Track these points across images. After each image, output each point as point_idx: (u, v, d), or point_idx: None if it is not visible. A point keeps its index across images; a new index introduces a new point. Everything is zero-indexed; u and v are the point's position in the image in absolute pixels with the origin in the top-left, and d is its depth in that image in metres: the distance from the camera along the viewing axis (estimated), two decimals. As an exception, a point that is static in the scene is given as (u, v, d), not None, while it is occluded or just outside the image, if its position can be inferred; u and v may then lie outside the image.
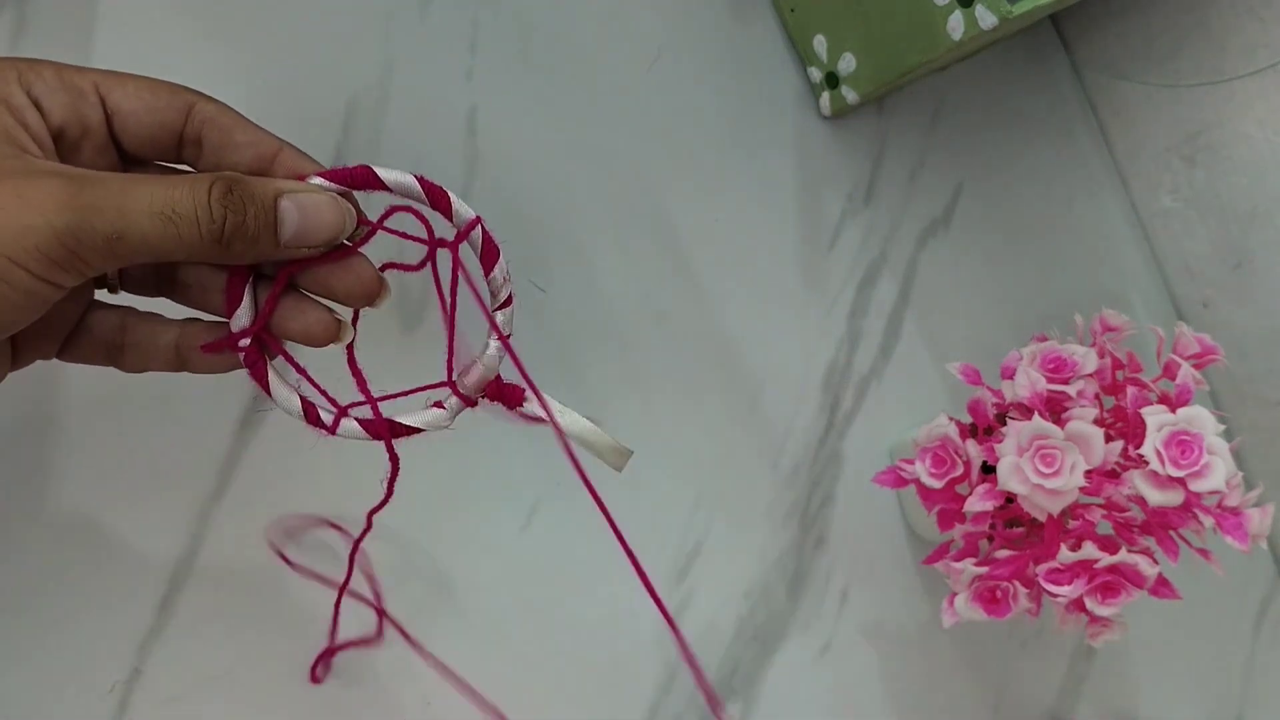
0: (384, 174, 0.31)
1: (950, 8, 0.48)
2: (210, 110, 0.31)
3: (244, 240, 0.29)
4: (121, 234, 0.27)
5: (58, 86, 0.29)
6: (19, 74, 0.29)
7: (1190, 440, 0.43)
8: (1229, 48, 0.59)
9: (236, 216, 0.28)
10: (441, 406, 0.33)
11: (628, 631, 0.51)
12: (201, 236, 0.28)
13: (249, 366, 0.32)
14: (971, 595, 0.46)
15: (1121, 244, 0.67)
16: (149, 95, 0.30)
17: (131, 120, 0.30)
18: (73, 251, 0.27)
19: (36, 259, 0.26)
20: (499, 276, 0.33)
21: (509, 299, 0.33)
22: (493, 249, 0.32)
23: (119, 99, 0.30)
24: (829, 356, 0.57)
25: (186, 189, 0.28)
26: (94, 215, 0.27)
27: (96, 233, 0.27)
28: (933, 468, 0.47)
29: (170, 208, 0.27)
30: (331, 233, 0.30)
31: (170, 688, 0.42)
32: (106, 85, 0.30)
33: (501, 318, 0.33)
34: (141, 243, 0.27)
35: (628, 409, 0.52)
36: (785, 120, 0.58)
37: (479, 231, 0.32)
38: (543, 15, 0.52)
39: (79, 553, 0.42)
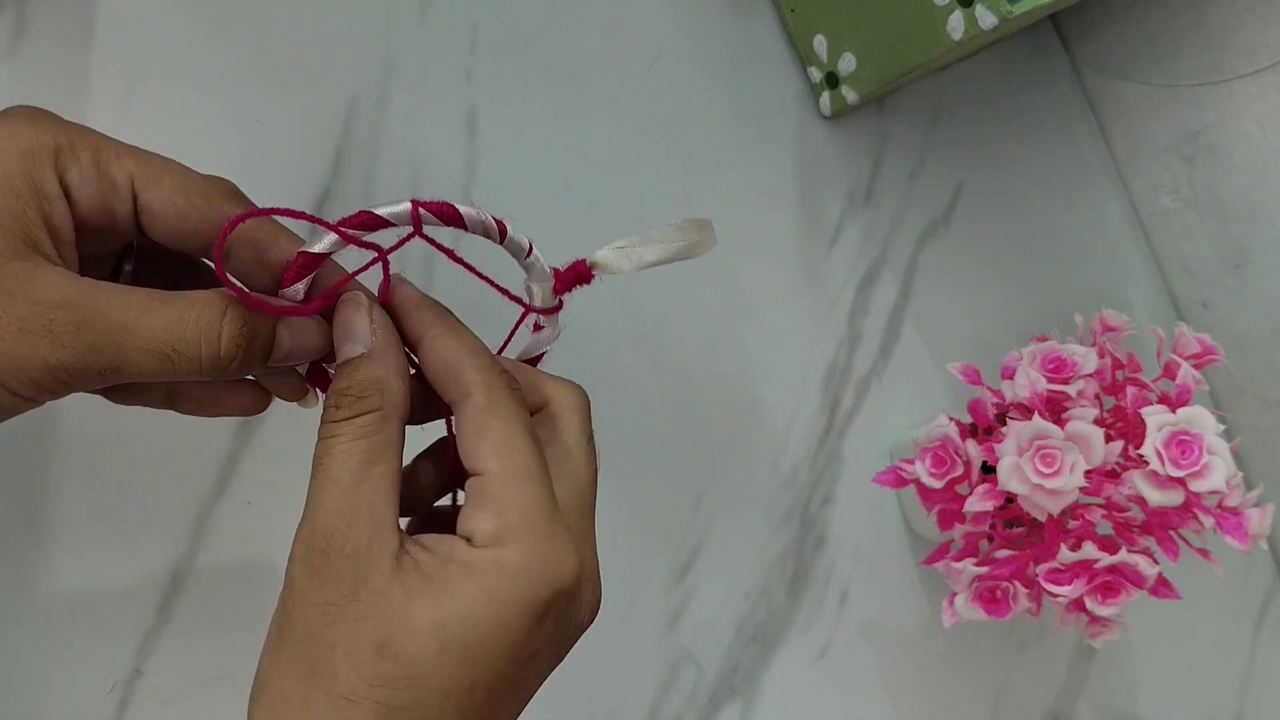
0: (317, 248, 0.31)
1: (950, 8, 0.48)
2: (247, 230, 0.31)
3: (239, 367, 0.29)
4: (118, 368, 0.27)
5: (93, 176, 0.29)
6: (56, 157, 0.28)
7: (1190, 440, 0.43)
8: (1229, 48, 0.59)
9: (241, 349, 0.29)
10: (540, 328, 0.35)
11: (628, 631, 0.51)
12: (201, 364, 0.28)
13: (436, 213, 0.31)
14: (971, 595, 0.46)
15: (1121, 244, 0.67)
16: (183, 201, 0.30)
17: (160, 223, 0.30)
18: (64, 382, 0.27)
19: (27, 385, 0.26)
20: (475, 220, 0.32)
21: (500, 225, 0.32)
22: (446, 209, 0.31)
23: (151, 199, 0.30)
24: (829, 356, 0.57)
25: (193, 323, 0.28)
26: (91, 354, 0.27)
27: (91, 369, 0.27)
28: (933, 468, 0.47)
29: (171, 346, 0.28)
30: (312, 354, 0.31)
31: (170, 688, 0.42)
32: (143, 181, 0.30)
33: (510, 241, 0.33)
34: (136, 375, 0.28)
35: (628, 408, 0.52)
36: (785, 120, 0.58)
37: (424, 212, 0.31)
38: (543, 15, 0.52)
39: (79, 553, 0.42)
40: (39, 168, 0.28)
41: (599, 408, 0.52)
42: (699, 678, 0.52)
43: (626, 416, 0.52)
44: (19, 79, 0.42)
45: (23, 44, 0.42)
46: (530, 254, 0.33)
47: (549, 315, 0.34)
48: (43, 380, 0.26)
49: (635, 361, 0.53)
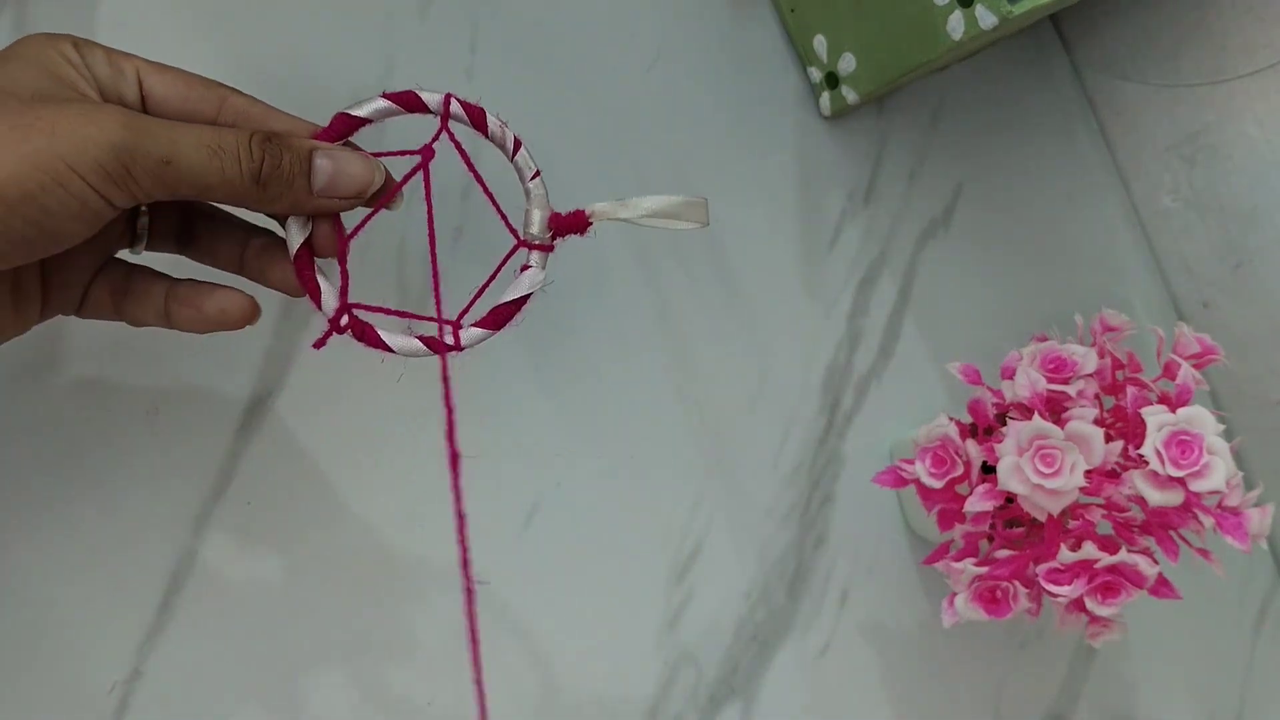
0: (359, 110, 0.34)
1: (950, 8, 0.48)
2: (242, 103, 0.34)
3: (280, 183, 0.32)
4: (172, 159, 0.29)
5: (104, 61, 0.32)
6: (74, 43, 0.32)
7: (1190, 440, 0.43)
8: (1229, 48, 0.59)
9: (274, 159, 0.32)
10: (527, 268, 0.35)
11: (628, 631, 0.51)
12: (242, 173, 0.31)
13: (359, 337, 0.34)
14: (971, 595, 0.46)
15: (1121, 244, 0.67)
16: (183, 86, 0.33)
17: (165, 106, 0.33)
18: (126, 168, 0.29)
19: (94, 170, 0.28)
20: (495, 130, 0.35)
21: (517, 141, 0.35)
22: (477, 111, 0.35)
23: (154, 84, 0.33)
24: (829, 357, 0.57)
25: (231, 132, 0.31)
26: (148, 138, 0.29)
27: (150, 155, 0.29)
28: (933, 468, 0.47)
29: (217, 143, 0.30)
30: (361, 184, 0.33)
31: (170, 688, 0.42)
32: (146, 70, 0.33)
33: (522, 159, 0.35)
34: (188, 170, 0.30)
35: (628, 408, 0.52)
36: (785, 120, 0.58)
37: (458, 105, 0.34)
38: (543, 15, 0.52)
39: (78, 552, 0.42)
40: (64, 47, 0.31)
41: (599, 408, 0.52)
42: (699, 678, 0.52)
43: (627, 416, 0.52)
44: (19, 79, 0.42)
45: (23, 44, 0.42)
46: (535, 177, 0.35)
47: (540, 252, 0.35)
48: (106, 161, 0.28)
49: (635, 361, 0.53)
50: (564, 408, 0.51)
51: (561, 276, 0.51)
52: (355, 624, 0.46)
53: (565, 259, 0.52)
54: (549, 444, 0.50)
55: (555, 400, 0.51)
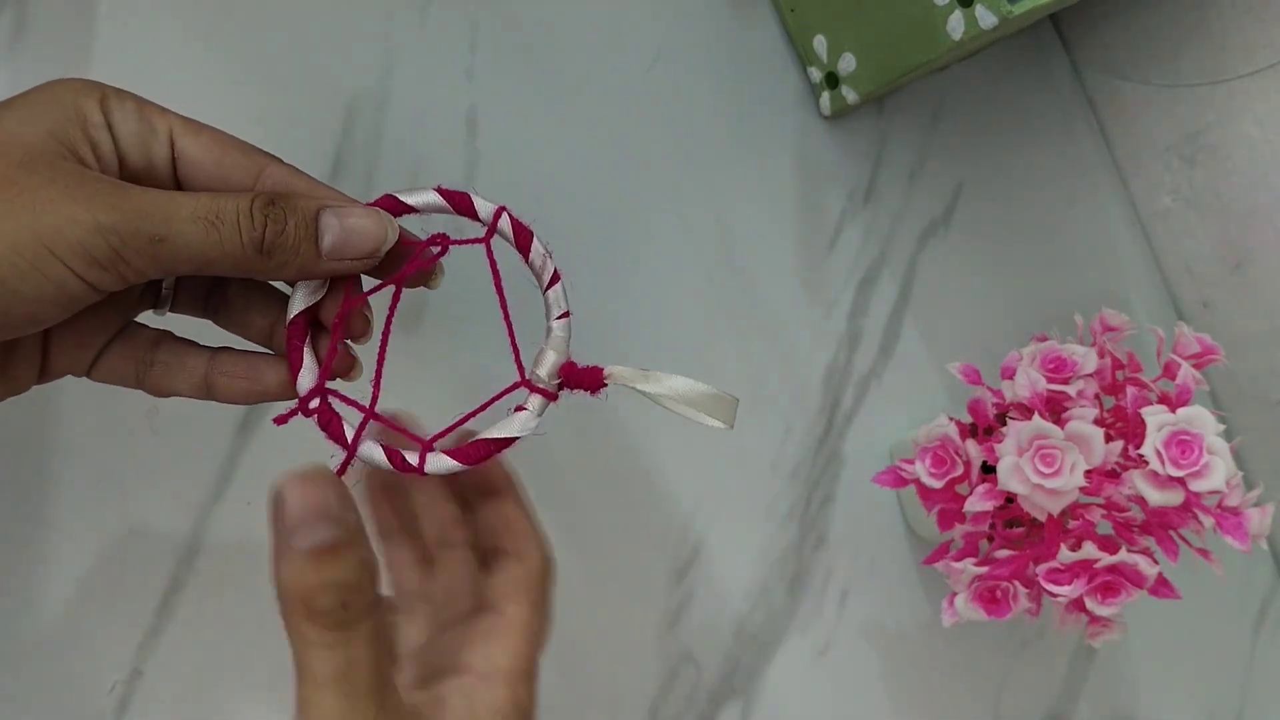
0: (408, 198, 0.31)
1: (950, 8, 0.48)
2: (281, 174, 0.31)
3: (285, 250, 0.29)
4: (165, 237, 0.27)
5: (135, 117, 0.30)
6: (103, 96, 0.29)
7: (1190, 440, 0.43)
8: (1229, 48, 0.59)
9: (277, 225, 0.29)
10: (524, 409, 0.32)
11: (628, 631, 0.51)
12: (243, 244, 0.28)
13: (323, 427, 0.31)
14: (971, 595, 0.46)
15: (1121, 244, 0.67)
16: (219, 151, 0.30)
17: (198, 171, 0.30)
18: (115, 251, 0.26)
19: (77, 253, 0.26)
20: (537, 258, 0.32)
21: (556, 275, 0.32)
22: (524, 232, 0.32)
23: (188, 145, 0.30)
24: (829, 356, 0.57)
25: (231, 199, 0.28)
26: (138, 216, 0.27)
27: (140, 234, 0.27)
28: (933, 468, 0.47)
29: (215, 214, 0.28)
30: (373, 242, 0.30)
31: (170, 688, 0.42)
32: (180, 130, 0.30)
33: (554, 295, 0.32)
34: (184, 247, 0.27)
35: (628, 408, 0.52)
36: (785, 120, 0.58)
37: (507, 221, 0.32)
38: (543, 15, 0.52)
39: (79, 553, 0.42)
40: (86, 99, 0.29)
41: (599, 411, 0.52)
42: (699, 678, 0.52)
43: (627, 416, 0.52)
44: (19, 79, 0.42)
45: (23, 44, 0.43)
46: (563, 318, 0.32)
47: (541, 398, 0.32)
48: (91, 244, 0.26)
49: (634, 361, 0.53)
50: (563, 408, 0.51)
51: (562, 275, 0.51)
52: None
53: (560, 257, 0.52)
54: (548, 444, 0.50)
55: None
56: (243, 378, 0.33)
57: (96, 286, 0.27)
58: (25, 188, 0.26)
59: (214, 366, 0.33)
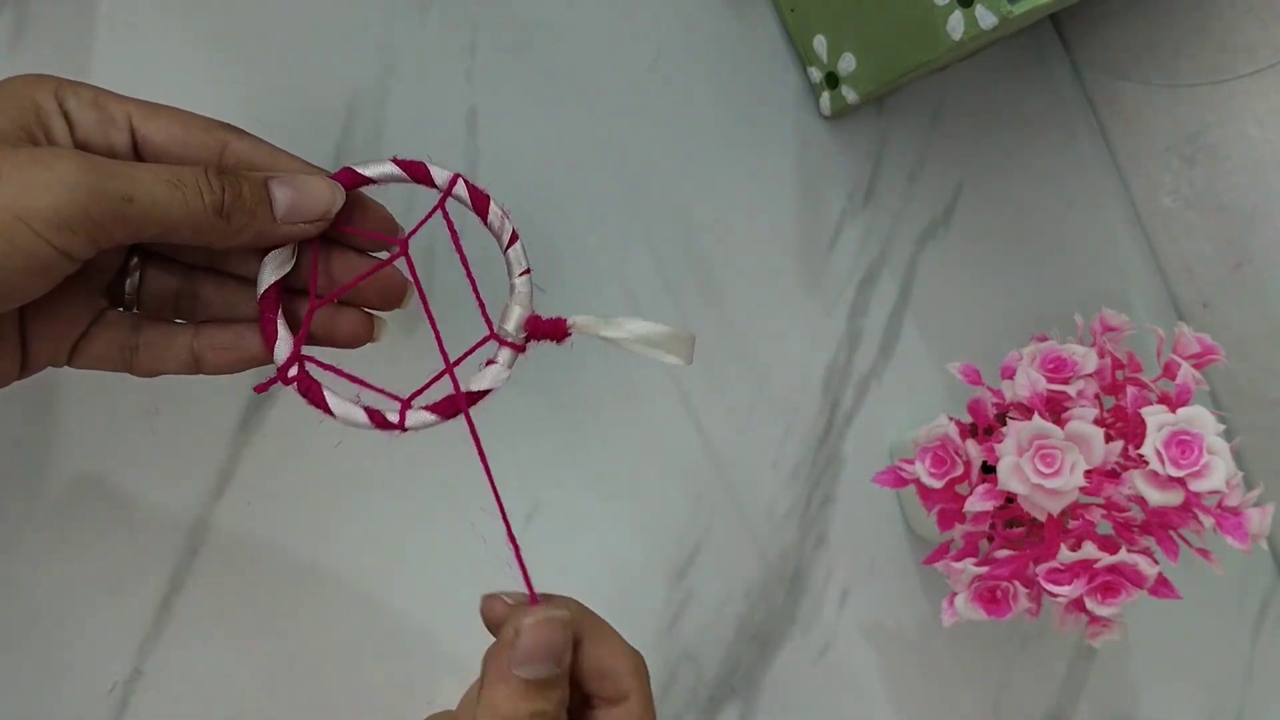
0: (365, 170, 0.33)
1: (950, 8, 0.48)
2: (244, 149, 0.32)
3: (242, 213, 0.30)
4: (132, 196, 0.28)
5: (90, 105, 0.30)
6: (57, 86, 0.30)
7: (1190, 440, 0.43)
8: (1229, 48, 0.59)
9: (234, 189, 0.30)
10: (494, 362, 0.34)
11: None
12: (205, 205, 0.29)
13: (303, 393, 0.32)
14: (971, 595, 0.46)
15: (1121, 244, 0.67)
16: (180, 130, 0.31)
17: (162, 153, 0.31)
18: (84, 211, 0.27)
19: (47, 218, 0.26)
20: (495, 219, 0.34)
21: (514, 235, 0.34)
22: (481, 195, 0.33)
23: (150, 130, 0.31)
24: (829, 356, 0.57)
25: (188, 169, 0.30)
26: (105, 176, 0.27)
27: (109, 194, 0.27)
28: (933, 468, 0.47)
29: (176, 176, 0.29)
30: (324, 205, 0.32)
31: (170, 688, 0.42)
32: (140, 115, 0.31)
33: (514, 254, 0.34)
34: (152, 205, 0.28)
35: (628, 409, 0.52)
36: (785, 120, 0.58)
37: (463, 187, 0.33)
38: (543, 16, 0.52)
39: (79, 553, 0.42)
40: (38, 91, 0.30)
41: (600, 409, 0.52)
42: (699, 678, 0.52)
43: (627, 416, 0.52)
44: (19, 79, 0.42)
45: (23, 44, 0.43)
46: (525, 275, 0.34)
47: (509, 350, 0.34)
48: (62, 208, 0.26)
49: (635, 361, 0.53)
50: (563, 408, 0.51)
51: (557, 278, 0.51)
52: (356, 623, 0.46)
53: (560, 257, 0.52)
54: (548, 444, 0.50)
55: (554, 400, 0.51)
56: (230, 348, 0.33)
57: (69, 252, 0.27)
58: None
59: (200, 340, 0.33)
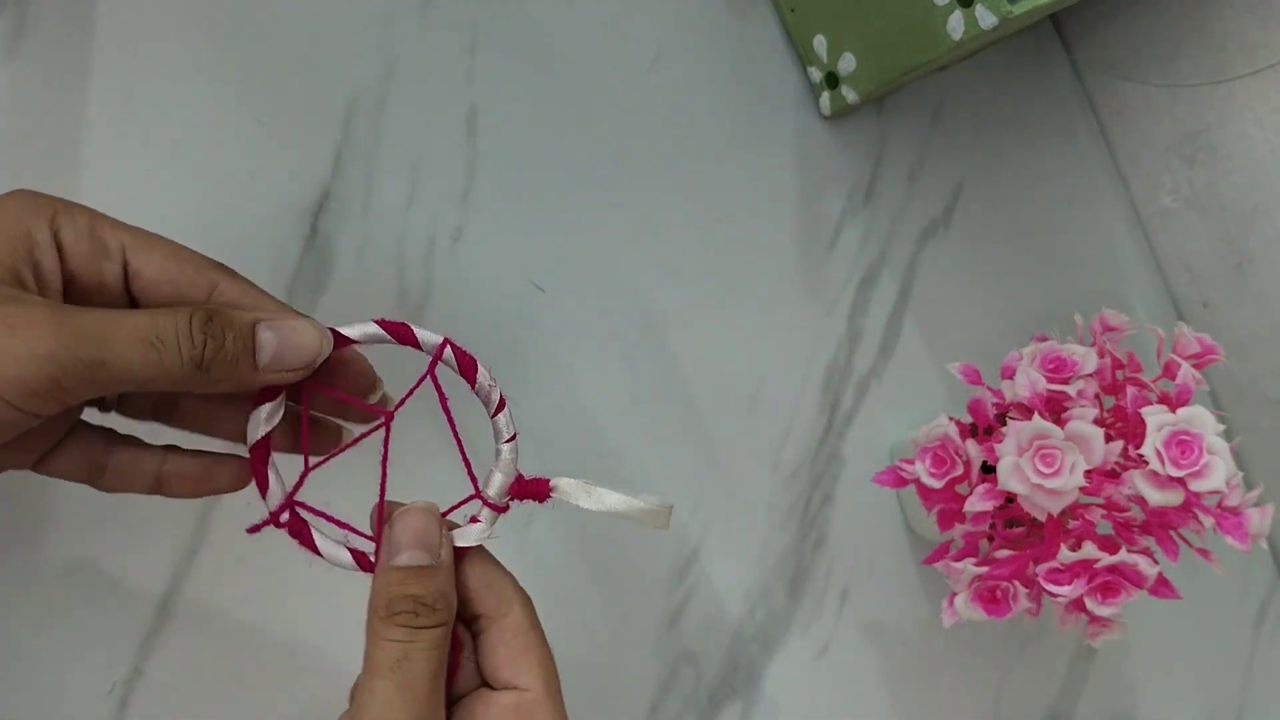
0: (348, 330, 0.33)
1: (950, 7, 0.48)
2: (233, 293, 0.32)
3: (223, 365, 0.29)
4: (104, 361, 0.27)
5: (86, 235, 0.30)
6: (54, 213, 0.30)
7: (1190, 440, 0.43)
8: (1229, 48, 0.59)
9: (216, 342, 0.29)
10: (478, 520, 0.34)
11: (628, 631, 0.51)
12: (183, 362, 0.28)
13: (294, 536, 0.33)
14: (971, 595, 0.46)
15: (1121, 244, 0.67)
16: (173, 268, 0.31)
17: (151, 288, 0.31)
18: (54, 379, 0.26)
19: (14, 387, 0.26)
20: (485, 384, 0.34)
21: (502, 401, 0.34)
22: (468, 361, 0.33)
23: (142, 264, 0.31)
24: (829, 356, 0.57)
25: (169, 317, 0.29)
26: (77, 343, 0.27)
27: (79, 360, 0.27)
28: (933, 468, 0.47)
29: (154, 334, 0.28)
30: (308, 356, 0.31)
31: (170, 688, 0.42)
32: (134, 248, 0.31)
33: (502, 421, 0.34)
34: (125, 370, 0.28)
35: (628, 409, 0.52)
36: (785, 120, 0.58)
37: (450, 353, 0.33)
38: (543, 15, 0.52)
39: (79, 553, 0.42)
40: (33, 218, 0.29)
41: (600, 410, 0.52)
42: (699, 678, 0.52)
43: (627, 416, 0.52)
44: (19, 79, 0.42)
45: (23, 44, 0.43)
46: (510, 441, 0.34)
47: (492, 510, 0.34)
48: (30, 376, 0.26)
49: (635, 361, 0.53)
50: (563, 408, 0.51)
51: (557, 278, 0.51)
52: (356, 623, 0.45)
53: (560, 257, 0.52)
54: (548, 445, 0.50)
55: (554, 400, 0.51)
56: (197, 479, 0.34)
57: (35, 414, 0.27)
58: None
59: (168, 468, 0.34)
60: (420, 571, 0.32)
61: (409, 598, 0.31)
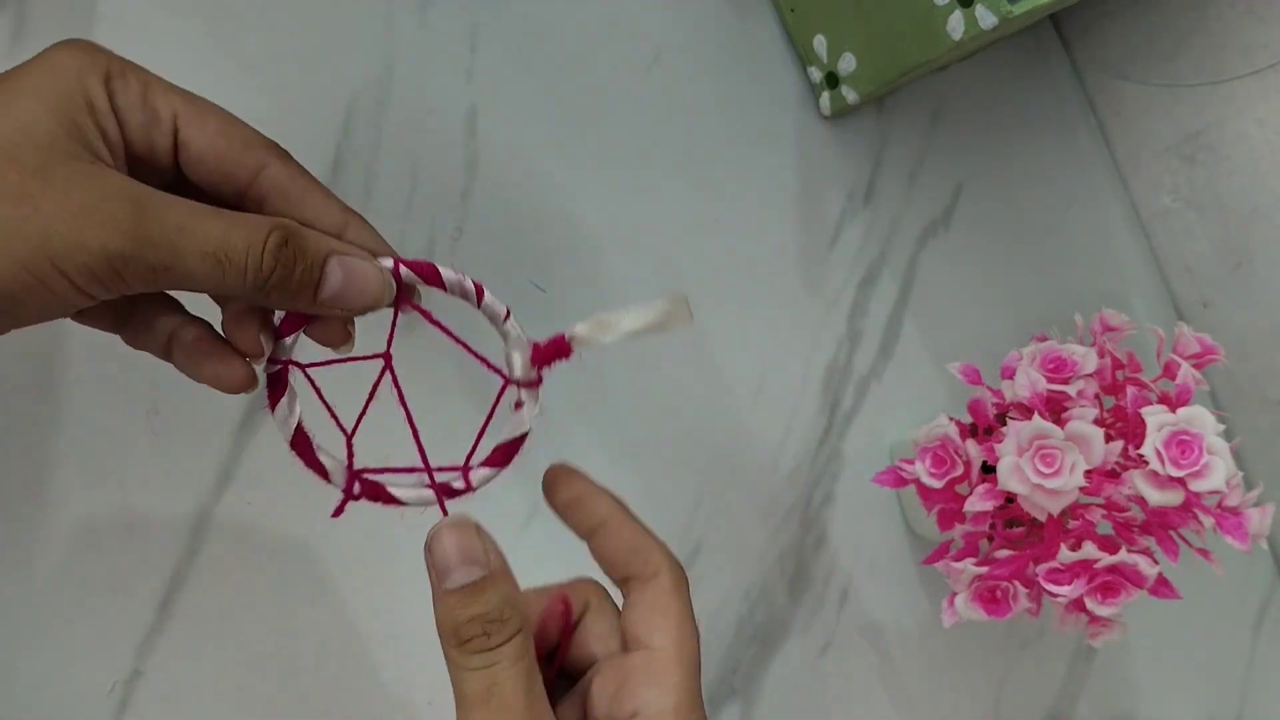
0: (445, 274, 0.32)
1: (950, 8, 0.48)
2: (280, 177, 0.31)
3: (284, 292, 0.29)
4: (170, 267, 0.27)
5: (139, 105, 0.30)
6: (107, 76, 0.29)
7: (1190, 440, 0.43)
8: (1229, 48, 0.59)
9: (285, 270, 0.29)
10: (521, 405, 0.34)
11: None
12: (246, 284, 0.29)
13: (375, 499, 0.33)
14: (971, 595, 0.46)
15: (1121, 244, 0.67)
16: (223, 142, 0.30)
17: (198, 162, 0.31)
18: (118, 273, 0.27)
19: (82, 273, 0.27)
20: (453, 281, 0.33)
21: (479, 288, 0.33)
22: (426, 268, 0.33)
23: (192, 135, 0.30)
24: (829, 356, 0.57)
25: (243, 235, 0.28)
26: (148, 247, 0.27)
27: (145, 263, 0.27)
28: (933, 468, 0.47)
29: (224, 252, 0.28)
30: (369, 301, 0.31)
31: (170, 688, 0.42)
32: (186, 116, 0.30)
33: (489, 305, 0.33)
34: (187, 277, 0.28)
35: (628, 408, 0.52)
36: (785, 120, 0.58)
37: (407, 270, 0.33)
38: (543, 15, 0.52)
39: (79, 552, 0.42)
40: (93, 84, 0.29)
41: (599, 410, 0.52)
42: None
43: (627, 416, 0.52)
44: (19, 79, 0.42)
45: (23, 44, 0.43)
46: (507, 320, 0.33)
47: (530, 389, 0.34)
48: (98, 268, 0.27)
49: (635, 361, 0.53)
50: (563, 408, 0.51)
51: (557, 278, 0.51)
52: (356, 622, 0.46)
53: (561, 257, 0.52)
54: (548, 444, 0.50)
55: (554, 400, 0.51)
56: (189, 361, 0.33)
57: (95, 298, 0.28)
58: (41, 202, 0.26)
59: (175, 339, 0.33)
60: (476, 587, 0.30)
61: (475, 620, 0.30)
